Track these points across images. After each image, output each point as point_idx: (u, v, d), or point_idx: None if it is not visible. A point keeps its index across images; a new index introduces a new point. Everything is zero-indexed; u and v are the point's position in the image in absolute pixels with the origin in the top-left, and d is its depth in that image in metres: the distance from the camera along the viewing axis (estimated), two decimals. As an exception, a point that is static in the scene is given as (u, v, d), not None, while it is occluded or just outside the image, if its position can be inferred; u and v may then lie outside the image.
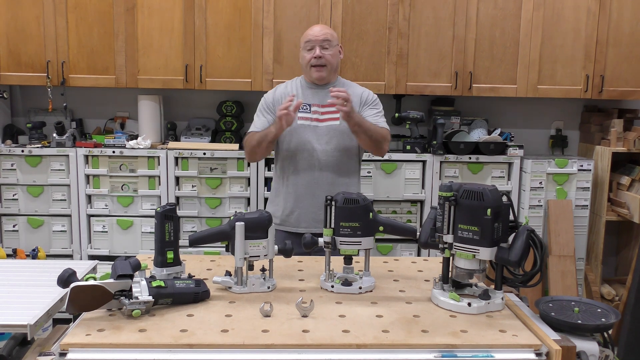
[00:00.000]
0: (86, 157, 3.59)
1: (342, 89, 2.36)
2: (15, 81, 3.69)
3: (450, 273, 1.64)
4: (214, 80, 3.66)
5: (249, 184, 3.61)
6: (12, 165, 3.59)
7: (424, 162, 3.66)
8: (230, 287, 1.69)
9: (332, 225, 1.72)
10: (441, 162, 3.66)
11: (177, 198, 3.62)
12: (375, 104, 2.63)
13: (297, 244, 1.85)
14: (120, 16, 3.60)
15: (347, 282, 1.71)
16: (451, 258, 1.62)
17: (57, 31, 3.60)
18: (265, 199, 3.49)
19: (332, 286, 1.71)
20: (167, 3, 3.60)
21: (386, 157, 3.63)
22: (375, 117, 2.59)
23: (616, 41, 3.72)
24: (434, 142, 3.65)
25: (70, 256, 3.62)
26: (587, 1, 3.67)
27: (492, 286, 1.65)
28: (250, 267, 1.71)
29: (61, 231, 3.63)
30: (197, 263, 1.96)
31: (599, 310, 1.56)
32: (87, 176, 3.60)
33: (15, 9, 3.59)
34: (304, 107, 2.55)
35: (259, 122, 2.58)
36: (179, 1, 3.60)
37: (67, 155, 3.58)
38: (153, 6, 3.60)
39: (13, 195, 3.61)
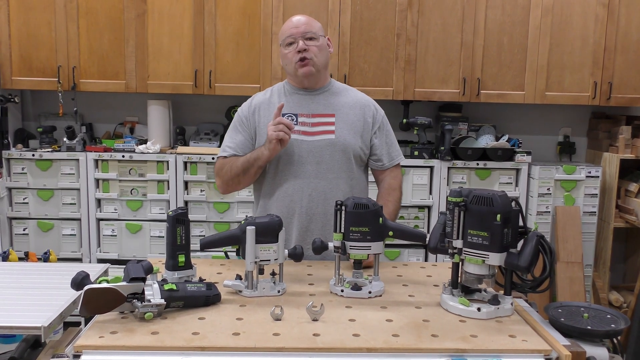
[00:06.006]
0: (96, 161, 3.61)
1: None
2: (27, 86, 3.72)
3: (459, 278, 1.65)
4: (223, 86, 3.69)
5: (257, 189, 3.63)
6: (22, 169, 3.62)
7: (431, 167, 3.67)
8: (240, 291, 1.69)
9: (342, 230, 1.73)
10: (449, 168, 3.66)
11: (186, 202, 3.64)
12: (387, 125, 2.21)
13: None
14: (131, 22, 3.63)
15: (356, 287, 1.72)
16: (460, 263, 1.63)
17: (69, 36, 3.64)
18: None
19: (342, 290, 1.72)
20: (177, 9, 3.64)
21: (394, 162, 3.64)
22: (391, 148, 2.19)
23: (624, 48, 3.72)
24: (442, 148, 3.66)
25: (79, 259, 3.65)
26: (595, 8, 3.68)
27: (501, 291, 1.65)
28: (261, 271, 1.72)
29: (71, 235, 3.65)
30: (207, 267, 1.97)
31: (608, 316, 1.56)
32: (97, 180, 3.63)
33: (27, 14, 3.63)
34: (289, 118, 2.10)
35: (233, 142, 2.15)
36: (189, 7, 3.63)
37: (77, 160, 3.61)
38: (163, 12, 3.64)
39: (23, 199, 3.64)
